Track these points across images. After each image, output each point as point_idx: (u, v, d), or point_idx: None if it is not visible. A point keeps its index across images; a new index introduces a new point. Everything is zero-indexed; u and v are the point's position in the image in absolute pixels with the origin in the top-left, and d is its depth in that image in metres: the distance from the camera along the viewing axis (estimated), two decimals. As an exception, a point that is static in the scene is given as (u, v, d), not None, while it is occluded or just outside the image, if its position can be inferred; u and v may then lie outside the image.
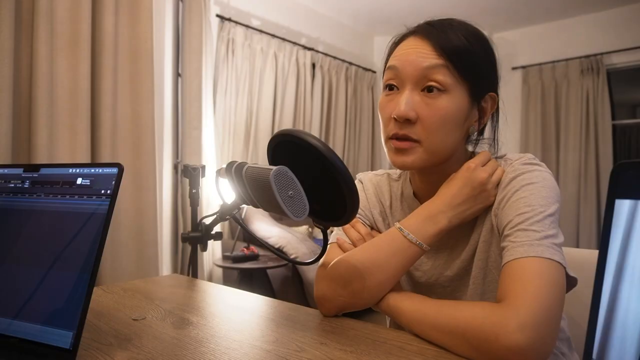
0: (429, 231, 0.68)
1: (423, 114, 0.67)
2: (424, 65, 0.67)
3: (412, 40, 0.70)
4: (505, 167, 0.71)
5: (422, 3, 3.85)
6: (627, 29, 3.87)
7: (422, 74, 0.67)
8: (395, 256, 0.68)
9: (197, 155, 2.84)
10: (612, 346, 0.31)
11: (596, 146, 4.00)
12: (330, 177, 0.60)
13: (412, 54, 0.68)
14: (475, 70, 0.69)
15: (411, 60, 0.68)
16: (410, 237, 0.68)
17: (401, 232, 0.68)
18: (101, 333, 0.65)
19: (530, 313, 0.53)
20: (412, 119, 0.68)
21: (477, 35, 0.71)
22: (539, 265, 0.57)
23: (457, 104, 0.68)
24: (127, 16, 2.32)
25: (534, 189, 0.65)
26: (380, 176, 0.88)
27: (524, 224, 0.61)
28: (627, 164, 0.33)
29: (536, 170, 0.68)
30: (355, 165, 4.39)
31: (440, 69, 0.67)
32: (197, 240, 1.11)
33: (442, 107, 0.67)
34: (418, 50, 0.68)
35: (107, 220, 0.56)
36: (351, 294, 0.69)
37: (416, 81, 0.68)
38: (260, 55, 3.45)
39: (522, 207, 0.63)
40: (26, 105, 1.97)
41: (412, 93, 0.68)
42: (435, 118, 0.67)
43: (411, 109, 0.67)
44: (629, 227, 0.32)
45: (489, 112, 0.74)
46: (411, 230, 0.68)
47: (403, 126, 0.68)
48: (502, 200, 0.68)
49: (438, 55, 0.67)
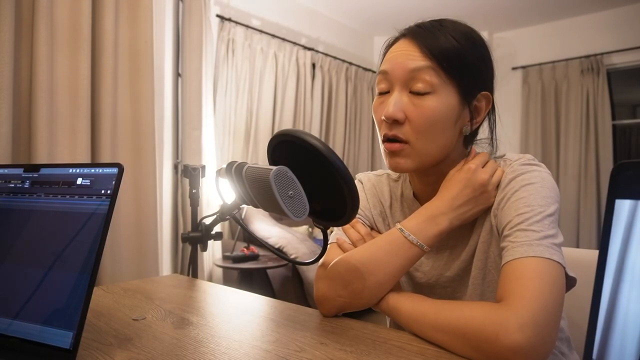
0: (429, 232, 0.68)
1: (411, 115, 0.69)
2: (410, 67, 0.68)
3: (402, 43, 0.72)
4: (504, 168, 0.71)
5: (422, 3, 3.85)
6: (627, 29, 3.87)
7: (410, 75, 0.69)
8: (395, 257, 0.68)
9: (197, 155, 2.84)
10: (612, 346, 0.31)
11: (596, 146, 4.00)
12: (330, 177, 0.60)
13: (400, 57, 0.70)
14: (464, 70, 0.69)
15: (399, 62, 0.70)
16: (411, 238, 0.68)
17: (402, 233, 0.68)
18: (101, 333, 0.65)
19: (530, 313, 0.53)
20: (400, 120, 0.69)
21: (468, 35, 0.71)
22: (539, 265, 0.57)
23: (446, 105, 0.68)
24: (127, 16, 2.32)
25: (534, 190, 0.65)
26: (380, 176, 0.88)
27: (523, 224, 0.62)
28: (627, 164, 0.33)
29: (535, 171, 0.68)
30: (355, 165, 4.39)
31: (426, 70, 0.68)
32: (197, 240, 1.11)
33: (430, 107, 0.68)
34: (406, 53, 0.70)
35: (107, 220, 0.56)
36: (351, 294, 0.69)
37: (404, 83, 0.69)
38: (260, 55, 3.45)
39: (522, 208, 0.63)
40: (26, 105, 1.97)
41: (400, 94, 0.70)
42: (423, 119, 0.68)
43: (399, 109, 0.69)
44: (629, 227, 0.32)
45: (484, 112, 0.74)
46: (412, 231, 0.68)
47: (392, 127, 0.70)
48: (501, 200, 0.68)
49: (425, 56, 0.68)
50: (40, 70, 1.94)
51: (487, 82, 0.74)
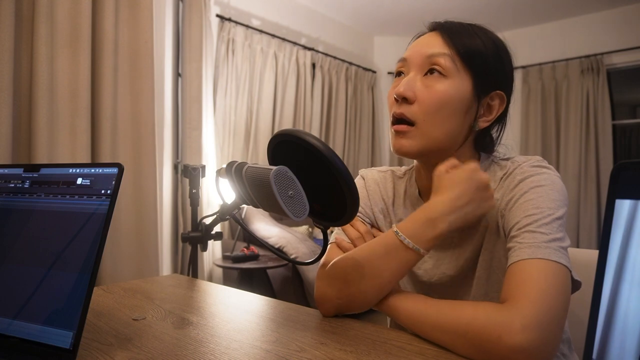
0: (427, 235, 0.64)
1: (421, 95, 0.70)
2: (429, 53, 0.71)
3: (427, 36, 0.75)
4: (512, 169, 0.71)
5: (422, 3, 3.85)
6: (627, 29, 3.88)
7: (427, 60, 0.71)
8: (390, 260, 0.66)
9: (197, 155, 2.84)
10: (612, 346, 0.31)
11: (596, 146, 4.00)
12: (330, 177, 0.60)
13: (421, 45, 0.73)
14: (481, 64, 0.70)
15: (418, 49, 0.73)
16: (407, 242, 0.64)
17: (397, 236, 0.65)
18: (101, 333, 0.65)
19: (534, 314, 0.52)
20: (409, 99, 0.70)
21: (494, 40, 0.73)
22: (545, 268, 0.57)
23: (457, 91, 0.69)
24: (127, 16, 2.32)
25: (543, 192, 0.65)
26: (384, 172, 0.88)
27: (531, 226, 0.61)
28: (627, 164, 0.33)
29: (545, 173, 0.68)
30: (355, 165, 4.39)
31: (443, 57, 0.70)
32: (197, 240, 1.11)
33: (441, 90, 0.69)
34: (428, 42, 0.73)
35: (107, 220, 0.56)
36: (347, 297, 0.68)
37: (420, 67, 0.72)
38: (260, 55, 3.45)
39: (531, 209, 0.63)
40: (26, 105, 1.97)
41: (414, 77, 0.72)
42: (432, 100, 0.69)
43: (409, 88, 0.70)
44: (629, 227, 0.32)
45: (496, 111, 0.74)
46: (407, 234, 0.65)
47: (401, 105, 0.71)
48: (509, 201, 0.68)
49: (445, 45, 0.71)
50: (40, 70, 1.94)
51: (504, 84, 0.74)
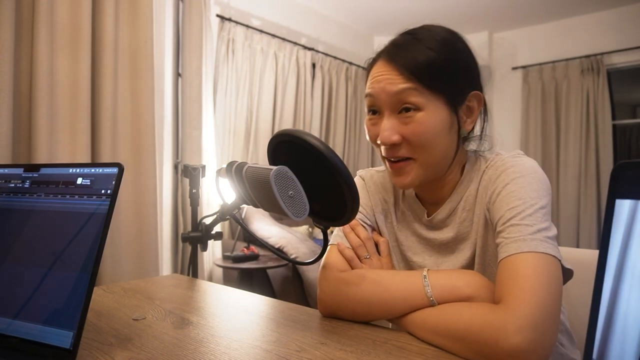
0: (448, 297, 0.63)
1: (406, 134, 0.69)
2: (394, 91, 0.68)
3: (381, 65, 0.72)
4: (494, 162, 0.72)
5: (421, 3, 3.84)
6: (627, 29, 3.87)
7: (395, 98, 0.69)
8: (405, 301, 0.65)
9: (197, 155, 2.84)
10: (612, 346, 0.31)
11: (596, 146, 3.99)
12: (330, 177, 0.60)
13: (382, 81, 0.70)
14: (448, 81, 0.69)
15: (382, 87, 0.70)
16: (429, 293, 0.64)
17: (423, 281, 0.65)
18: (101, 333, 0.65)
19: (528, 314, 0.53)
20: (397, 142, 0.69)
21: (445, 41, 0.71)
22: (534, 261, 0.57)
23: (436, 117, 0.68)
24: (127, 16, 2.31)
25: (524, 182, 0.65)
26: (382, 173, 0.88)
27: (515, 219, 0.61)
28: (627, 164, 0.33)
29: (525, 163, 0.68)
30: (355, 165, 4.39)
31: (409, 92, 0.68)
32: (197, 240, 1.11)
33: (421, 123, 0.68)
34: (386, 77, 0.69)
35: (107, 220, 0.56)
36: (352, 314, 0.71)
37: (391, 106, 0.70)
38: (260, 55, 3.45)
39: (513, 201, 0.63)
40: (26, 105, 1.97)
41: (390, 118, 0.70)
42: (418, 136, 0.68)
43: (393, 133, 0.69)
44: (629, 227, 0.32)
45: (477, 110, 0.74)
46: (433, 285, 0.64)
47: (391, 150, 0.71)
48: (492, 194, 0.68)
49: (404, 78, 0.68)
50: (40, 70, 1.94)
51: (474, 81, 0.74)
